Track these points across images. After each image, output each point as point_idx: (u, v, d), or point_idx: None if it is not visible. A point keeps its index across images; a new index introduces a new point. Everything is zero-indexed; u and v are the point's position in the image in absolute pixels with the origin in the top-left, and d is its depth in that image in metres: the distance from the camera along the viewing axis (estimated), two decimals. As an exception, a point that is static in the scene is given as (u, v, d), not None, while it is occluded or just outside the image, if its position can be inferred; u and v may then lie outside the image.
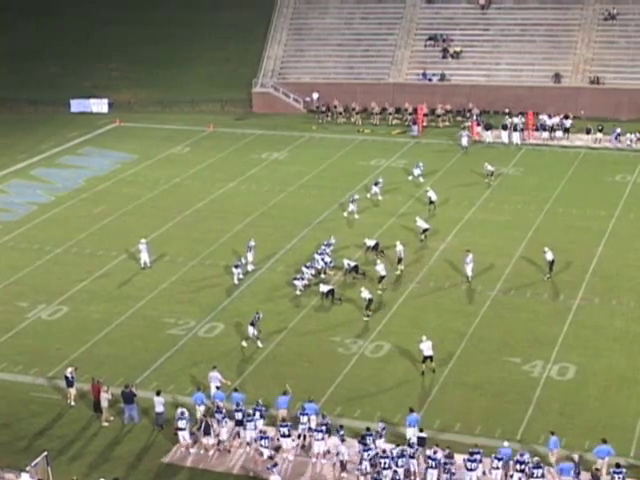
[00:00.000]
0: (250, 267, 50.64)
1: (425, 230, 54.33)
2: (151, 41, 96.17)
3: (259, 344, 42.70)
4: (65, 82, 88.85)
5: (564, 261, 50.71)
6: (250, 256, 50.84)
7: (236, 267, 49.37)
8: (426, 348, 40.36)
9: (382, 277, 48.03)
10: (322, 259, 49.97)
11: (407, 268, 50.12)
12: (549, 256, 48.97)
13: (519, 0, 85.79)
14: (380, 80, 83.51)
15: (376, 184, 61.30)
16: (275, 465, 33.47)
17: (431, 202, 58.01)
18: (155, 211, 60.16)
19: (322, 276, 49.36)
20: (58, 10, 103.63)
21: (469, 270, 48.93)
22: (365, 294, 45.49)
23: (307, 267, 49.20)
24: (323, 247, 51.01)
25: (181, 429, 35.65)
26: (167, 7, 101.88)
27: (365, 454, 33.33)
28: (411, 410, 36.01)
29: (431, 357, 40.39)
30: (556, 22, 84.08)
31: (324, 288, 47.47)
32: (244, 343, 42.76)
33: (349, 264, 49.69)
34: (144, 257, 51.39)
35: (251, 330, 42.75)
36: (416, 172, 64.20)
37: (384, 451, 33.58)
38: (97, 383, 38.32)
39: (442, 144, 72.83)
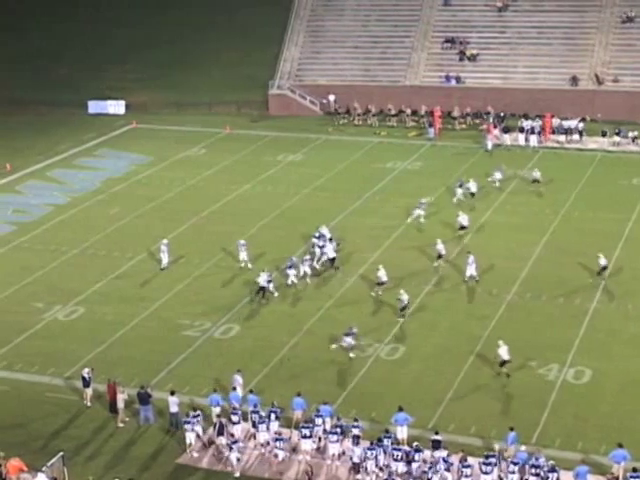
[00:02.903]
0: (248, 265, 50.90)
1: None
2: (167, 43, 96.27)
3: (351, 355, 41.96)
4: (82, 84, 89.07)
5: (580, 265, 50.57)
6: (244, 255, 51.10)
7: (289, 268, 49.14)
8: (504, 353, 40.13)
9: (383, 283, 48.05)
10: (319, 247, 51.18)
11: (422, 271, 50.00)
12: (602, 261, 48.74)
13: (536, 3, 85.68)
14: (397, 82, 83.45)
15: (460, 186, 61.04)
16: (235, 442, 34.30)
17: (460, 228, 55.51)
18: (170, 213, 60.26)
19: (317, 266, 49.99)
20: (74, 11, 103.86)
21: (471, 271, 48.92)
22: (403, 297, 45.37)
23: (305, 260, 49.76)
24: (316, 239, 51.99)
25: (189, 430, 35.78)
26: (183, 9, 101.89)
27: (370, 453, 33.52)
28: (400, 409, 35.94)
29: (508, 361, 40.15)
30: (573, 25, 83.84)
31: (262, 280, 47.46)
32: (352, 355, 41.94)
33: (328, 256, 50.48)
34: (164, 258, 51.47)
35: (348, 340, 42.07)
36: (497, 176, 63.23)
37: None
38: (113, 384, 38.42)
39: (458, 147, 72.74)
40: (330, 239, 52.34)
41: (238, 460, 34.73)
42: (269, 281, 47.84)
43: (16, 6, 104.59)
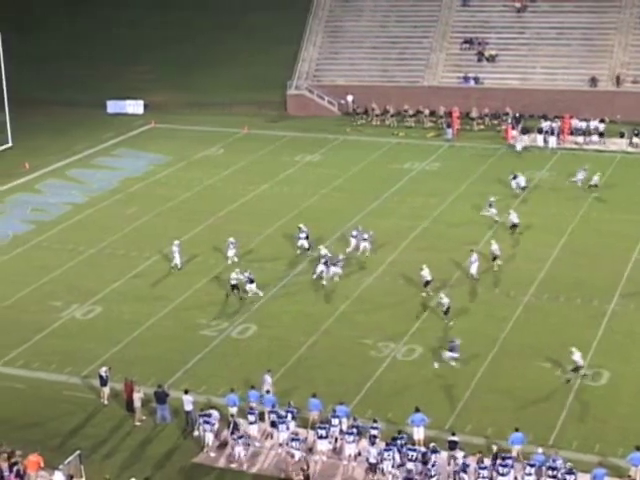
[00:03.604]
0: (233, 261, 51.40)
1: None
2: (186, 43, 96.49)
3: (453, 363, 41.35)
4: (101, 84, 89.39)
5: (597, 266, 50.41)
6: (230, 252, 51.54)
7: (325, 264, 49.41)
8: (578, 358, 39.79)
9: (428, 282, 47.93)
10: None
11: (439, 272, 49.95)
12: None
13: (555, 4, 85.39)
14: (415, 83, 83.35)
15: (514, 178, 61.75)
16: (241, 437, 34.54)
17: (512, 226, 55.51)
18: (188, 213, 60.35)
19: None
20: (93, 12, 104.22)
21: (473, 269, 48.86)
22: (444, 300, 45.25)
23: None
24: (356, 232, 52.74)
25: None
26: (203, 9, 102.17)
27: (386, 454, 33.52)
28: (417, 409, 35.88)
29: (582, 367, 39.89)
30: (592, 26, 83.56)
31: (234, 280, 47.71)
32: (454, 363, 41.37)
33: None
34: (177, 258, 51.59)
35: (449, 355, 41.54)
36: (580, 176, 62.75)
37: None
38: (130, 383, 38.50)
39: (477, 147, 72.59)
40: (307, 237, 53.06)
41: (244, 455, 34.90)
42: (251, 280, 47.76)
43: (36, 7, 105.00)
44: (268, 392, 37.70)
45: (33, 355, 43.23)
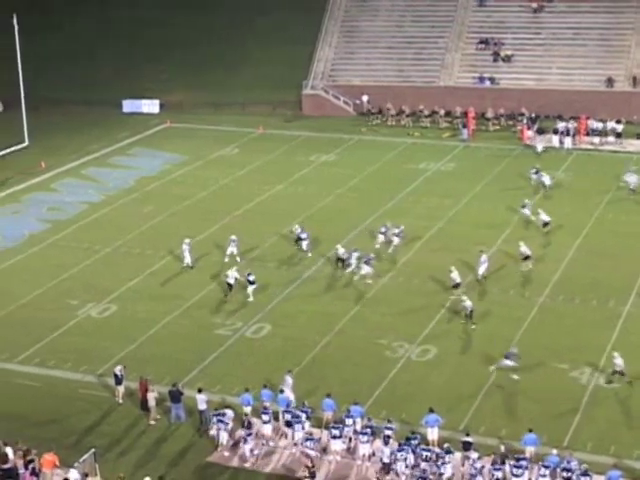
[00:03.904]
0: (231, 258, 51.57)
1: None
2: (201, 43, 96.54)
3: (514, 377, 40.46)
4: (117, 83, 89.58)
5: (613, 267, 50.28)
6: (232, 249, 51.74)
7: (367, 263, 49.52)
8: (620, 363, 39.71)
9: (458, 284, 47.81)
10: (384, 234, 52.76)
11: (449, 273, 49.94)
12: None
13: (572, 4, 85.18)
14: (430, 83, 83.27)
15: (536, 173, 62.31)
16: (250, 434, 34.74)
17: (545, 224, 55.49)
18: (203, 212, 60.47)
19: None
20: (109, 12, 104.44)
21: (481, 270, 48.79)
22: (467, 303, 45.09)
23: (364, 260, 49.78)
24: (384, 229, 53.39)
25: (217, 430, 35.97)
26: (218, 9, 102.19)
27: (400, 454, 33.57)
28: (431, 410, 35.85)
29: (623, 372, 39.79)
30: (609, 26, 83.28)
31: (231, 278, 48.02)
32: (515, 376, 40.47)
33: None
34: (187, 257, 51.72)
35: (505, 362, 40.80)
36: (632, 179, 62.02)
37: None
38: (144, 381, 38.61)
39: (492, 148, 72.48)
40: (298, 238, 53.30)
41: (251, 451, 35.03)
42: (251, 282, 47.93)
43: (52, 6, 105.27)
44: (282, 391, 37.75)
45: (49, 353, 43.41)
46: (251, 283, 47.98)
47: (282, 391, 37.78)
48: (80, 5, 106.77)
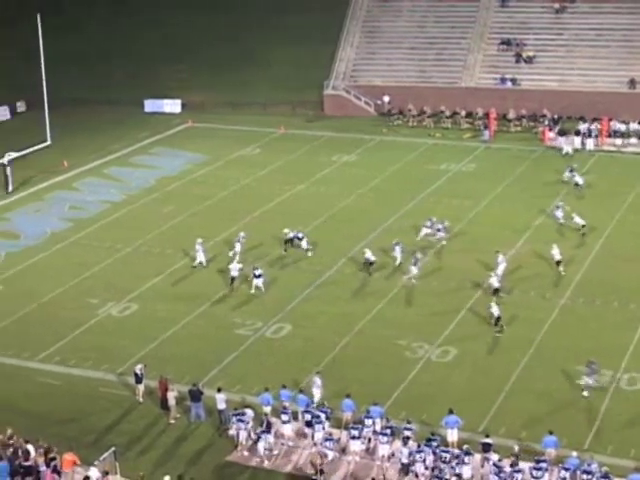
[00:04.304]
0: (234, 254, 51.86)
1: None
2: (223, 43, 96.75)
3: (584, 394, 39.52)
4: (139, 83, 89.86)
5: (635, 270, 50.03)
6: (238, 246, 52.08)
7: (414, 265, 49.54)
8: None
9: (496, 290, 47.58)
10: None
11: (472, 274, 49.80)
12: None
13: (594, 4, 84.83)
14: (452, 84, 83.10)
15: (571, 171, 62.80)
16: (264, 432, 35.07)
17: (581, 227, 55.06)
18: (224, 212, 60.56)
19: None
20: (131, 11, 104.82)
21: (500, 270, 48.60)
22: (494, 309, 44.74)
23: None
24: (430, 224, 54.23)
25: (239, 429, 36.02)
26: (240, 9, 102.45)
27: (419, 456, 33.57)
28: (450, 411, 35.78)
29: None
30: (632, 27, 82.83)
31: (234, 272, 48.93)
32: (585, 393, 39.62)
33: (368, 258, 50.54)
34: (200, 256, 51.85)
35: (586, 380, 39.80)
36: None
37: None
38: (165, 380, 38.72)
39: (513, 149, 72.27)
40: (290, 240, 53.65)
41: (267, 450, 35.14)
42: (258, 276, 48.62)
43: (73, 7, 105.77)
44: (301, 391, 37.78)
45: (70, 352, 43.61)
46: (258, 277, 48.44)
47: (301, 391, 37.83)
48: (103, 5, 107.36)
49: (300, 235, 53.74)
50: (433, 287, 49.07)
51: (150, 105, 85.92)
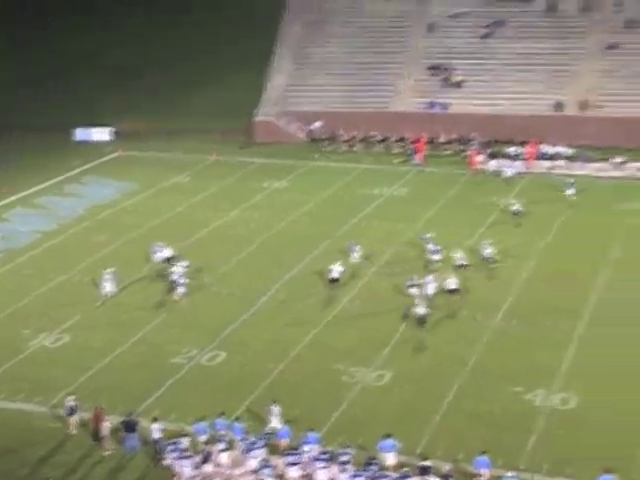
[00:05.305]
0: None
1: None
2: (154, 71, 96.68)
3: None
4: (69, 109, 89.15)
5: (563, 290, 50.75)
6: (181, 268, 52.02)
7: (411, 287, 49.57)
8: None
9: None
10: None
11: (402, 297, 50.10)
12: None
13: (519, 30, 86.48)
14: (383, 109, 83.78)
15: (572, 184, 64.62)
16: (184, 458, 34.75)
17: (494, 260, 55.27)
18: (157, 240, 59.96)
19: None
20: (63, 34, 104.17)
21: (430, 290, 49.01)
22: (419, 309, 46.08)
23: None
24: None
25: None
26: (170, 38, 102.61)
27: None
28: (387, 435, 35.88)
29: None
30: (556, 51, 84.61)
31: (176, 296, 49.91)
32: None
33: None
34: (108, 287, 51.23)
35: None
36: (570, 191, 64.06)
37: None
38: (99, 411, 38.24)
39: (444, 173, 73.03)
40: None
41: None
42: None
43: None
44: (237, 419, 37.61)
45: (1, 384, 42.84)
46: (179, 285, 50.13)
47: (237, 419, 37.64)
48: (33, 32, 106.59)
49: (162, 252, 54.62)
50: (368, 310, 49.18)
51: (80, 133, 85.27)
